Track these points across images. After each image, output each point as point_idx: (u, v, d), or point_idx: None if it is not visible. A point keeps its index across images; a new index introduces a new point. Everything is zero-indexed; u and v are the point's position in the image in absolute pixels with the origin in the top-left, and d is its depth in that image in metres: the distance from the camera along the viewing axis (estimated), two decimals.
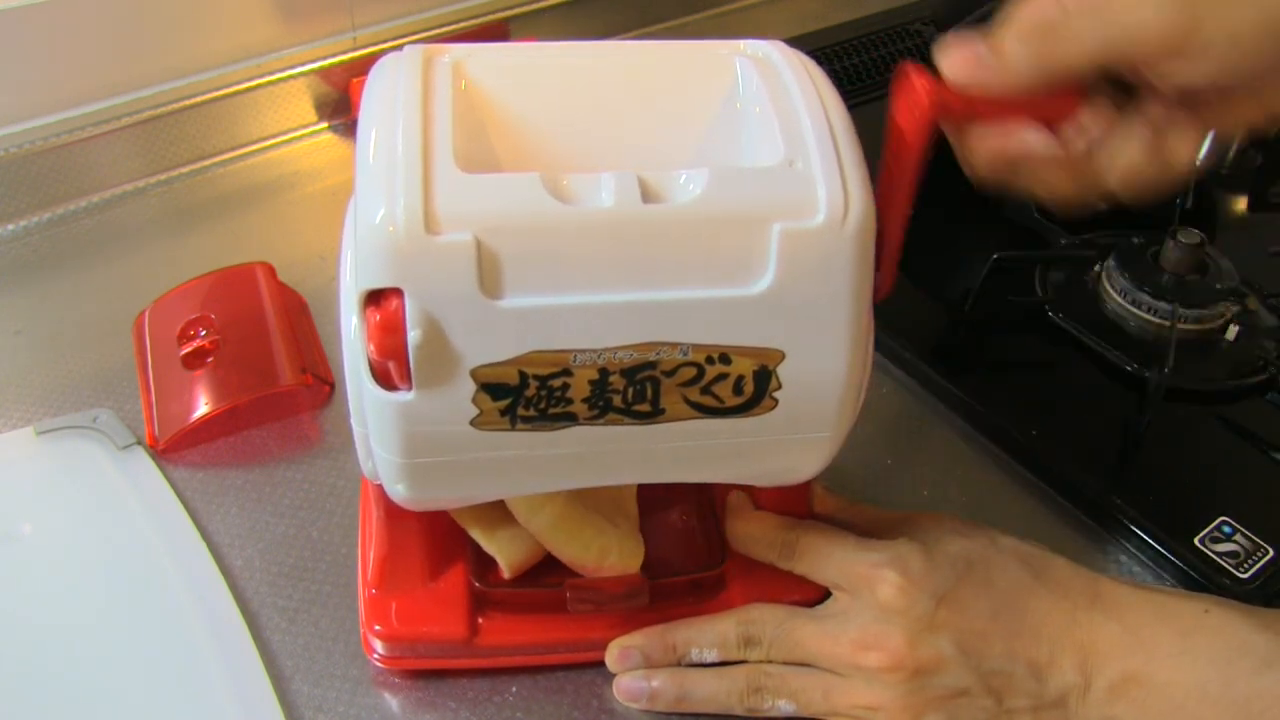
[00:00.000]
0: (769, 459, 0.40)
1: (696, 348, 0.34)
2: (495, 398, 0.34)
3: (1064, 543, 0.53)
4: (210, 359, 0.58)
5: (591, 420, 0.36)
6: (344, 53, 0.78)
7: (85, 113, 0.70)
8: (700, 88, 0.39)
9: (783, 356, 0.35)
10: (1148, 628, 0.40)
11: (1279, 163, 0.74)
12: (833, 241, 0.34)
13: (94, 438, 0.55)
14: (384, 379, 0.34)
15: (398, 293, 0.32)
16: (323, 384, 0.59)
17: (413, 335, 0.32)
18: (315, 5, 0.77)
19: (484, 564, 0.46)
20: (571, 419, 0.35)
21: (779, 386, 0.36)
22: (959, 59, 0.34)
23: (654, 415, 0.36)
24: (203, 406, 0.56)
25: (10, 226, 0.70)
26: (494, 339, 0.33)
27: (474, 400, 0.34)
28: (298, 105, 0.79)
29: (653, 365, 0.34)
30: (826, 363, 0.36)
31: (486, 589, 0.45)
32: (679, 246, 0.33)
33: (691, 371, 0.35)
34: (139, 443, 0.55)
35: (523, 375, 0.34)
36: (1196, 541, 0.51)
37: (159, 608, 0.48)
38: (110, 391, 0.59)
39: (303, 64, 0.77)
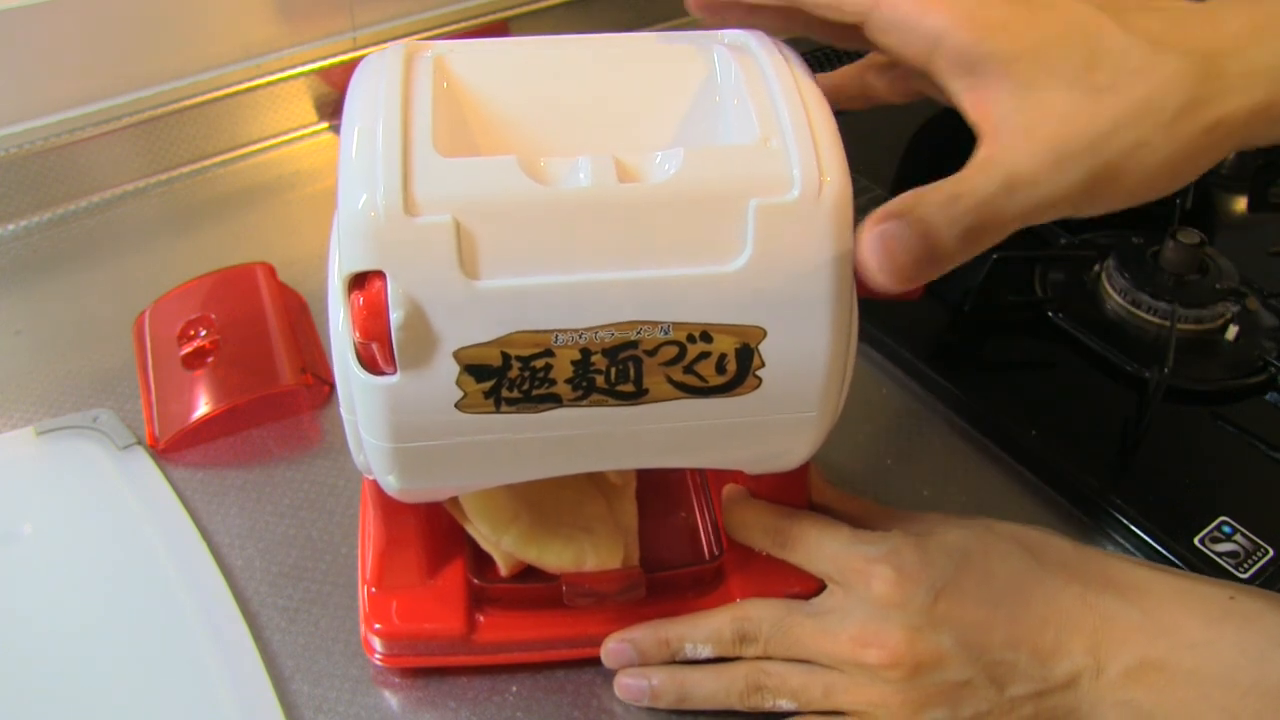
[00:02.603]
0: (757, 441, 0.40)
1: (677, 326, 0.35)
2: (479, 379, 0.34)
3: None
4: (210, 359, 0.58)
5: (575, 402, 0.36)
6: (344, 53, 0.78)
7: (85, 113, 0.70)
8: (679, 76, 0.39)
9: (764, 334, 0.35)
10: (1169, 614, 0.40)
11: (1279, 163, 0.74)
12: (809, 216, 0.34)
13: (94, 438, 0.55)
14: (369, 362, 0.35)
15: (380, 275, 0.33)
16: (323, 384, 0.59)
17: (395, 316, 0.33)
18: (315, 5, 0.77)
19: (482, 561, 0.46)
20: (555, 400, 0.35)
21: (762, 364, 0.36)
22: (895, 267, 0.34)
23: (638, 396, 0.36)
24: (203, 406, 0.56)
25: (10, 226, 0.70)
26: (475, 320, 0.34)
27: (458, 382, 0.34)
28: (298, 105, 0.79)
29: (634, 345, 0.35)
30: (809, 339, 0.36)
31: (485, 585, 0.45)
32: (656, 225, 0.34)
33: (673, 350, 0.35)
34: (139, 443, 0.55)
35: (505, 356, 0.34)
36: (1196, 541, 0.51)
37: (159, 607, 0.48)
38: (110, 391, 0.59)
39: (303, 64, 0.77)
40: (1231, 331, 0.61)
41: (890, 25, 0.36)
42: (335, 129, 0.80)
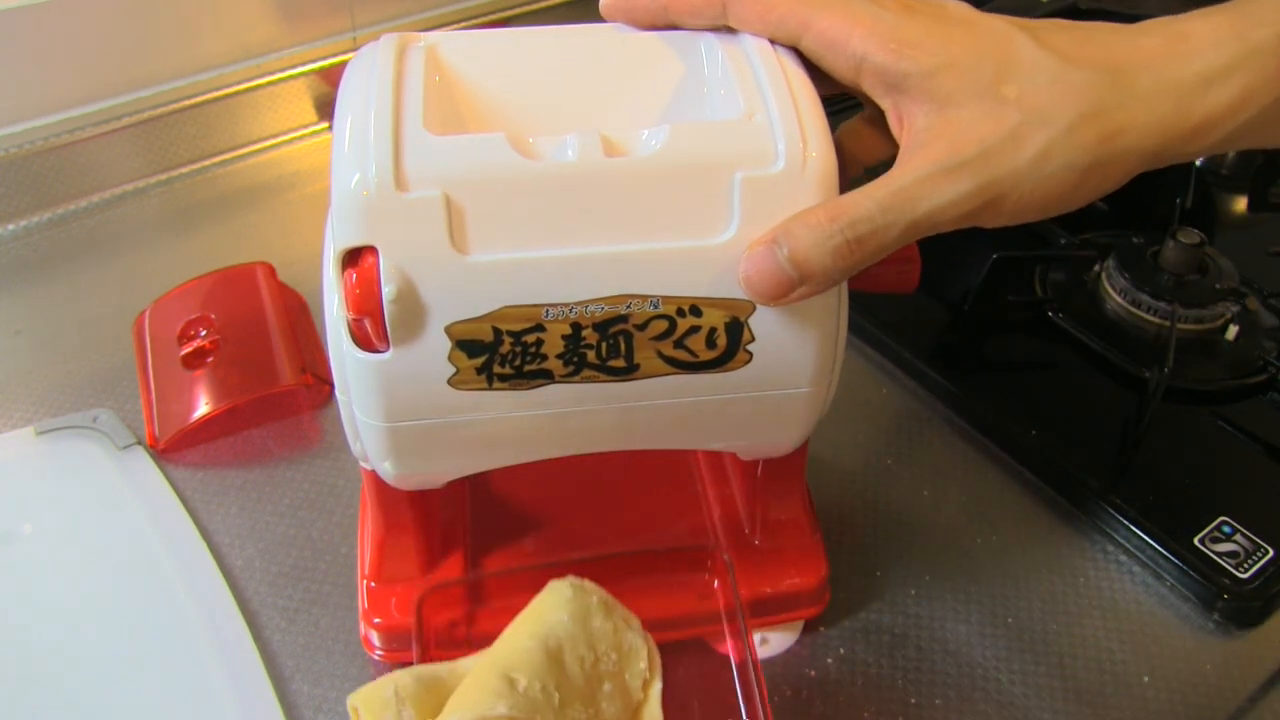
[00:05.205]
0: (750, 418, 0.40)
1: (667, 300, 0.35)
2: (471, 355, 0.35)
3: (1064, 543, 0.53)
4: (210, 359, 0.58)
5: (567, 378, 0.36)
6: (344, 53, 0.78)
7: (85, 113, 0.71)
8: (665, 61, 0.39)
9: (753, 307, 0.35)
10: None
11: (1279, 163, 0.74)
12: (795, 188, 0.34)
13: (94, 438, 0.55)
14: (362, 339, 0.35)
15: (372, 250, 0.33)
16: (323, 384, 0.59)
17: (387, 290, 0.33)
18: (315, 5, 0.77)
19: (480, 553, 0.46)
20: (547, 376, 0.36)
21: (752, 339, 0.36)
22: (763, 285, 0.34)
23: (629, 371, 0.36)
24: (203, 406, 0.56)
25: (10, 226, 0.70)
26: (466, 294, 0.34)
27: (450, 358, 0.35)
28: (298, 105, 0.79)
29: (624, 319, 0.35)
30: (798, 313, 0.36)
31: (482, 578, 0.45)
32: (642, 198, 0.34)
33: (663, 325, 0.35)
34: (139, 443, 0.55)
35: (496, 331, 0.34)
36: (1196, 541, 0.51)
37: (159, 607, 0.48)
38: (110, 391, 0.59)
39: (303, 64, 0.77)
40: (1231, 331, 0.61)
41: (821, 48, 0.36)
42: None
